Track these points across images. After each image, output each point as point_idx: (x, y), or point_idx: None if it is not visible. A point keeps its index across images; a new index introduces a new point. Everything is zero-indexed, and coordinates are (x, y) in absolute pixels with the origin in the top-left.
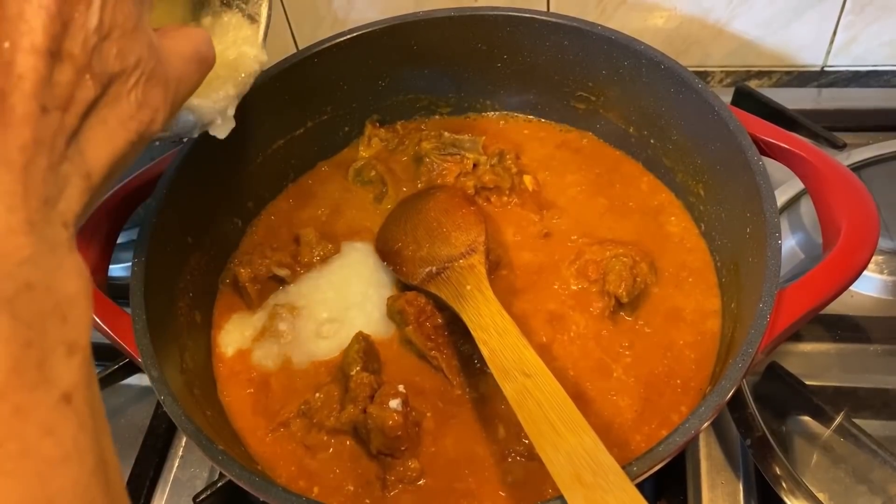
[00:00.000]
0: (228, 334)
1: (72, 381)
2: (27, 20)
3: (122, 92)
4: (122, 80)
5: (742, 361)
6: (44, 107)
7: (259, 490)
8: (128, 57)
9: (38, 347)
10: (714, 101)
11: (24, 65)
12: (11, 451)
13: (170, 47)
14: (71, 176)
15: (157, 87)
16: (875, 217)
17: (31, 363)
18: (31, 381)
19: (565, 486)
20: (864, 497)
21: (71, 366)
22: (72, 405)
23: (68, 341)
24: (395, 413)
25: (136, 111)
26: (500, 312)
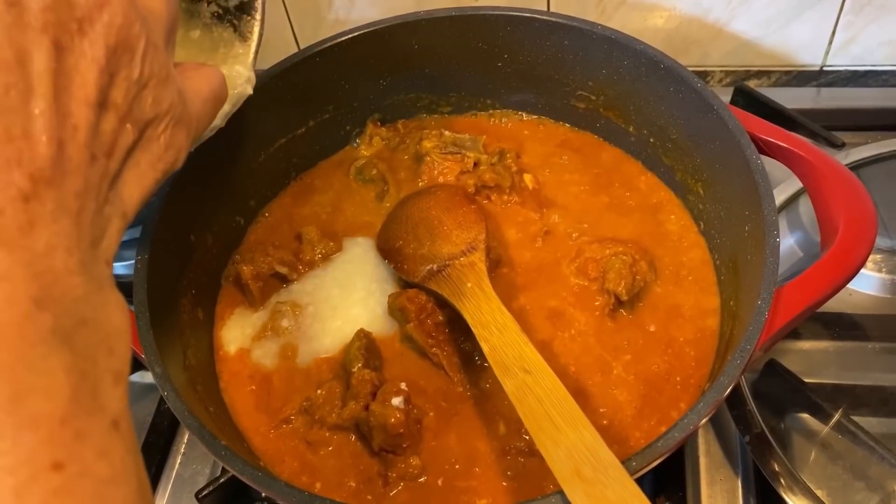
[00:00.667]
0: (230, 331)
1: (119, 408)
2: (82, 73)
3: (153, 136)
4: (155, 124)
5: (740, 358)
6: (94, 155)
7: (262, 485)
8: (161, 104)
9: (91, 377)
10: (713, 101)
11: (78, 116)
12: (73, 472)
13: (190, 88)
14: (112, 217)
15: (182, 129)
16: (872, 215)
17: (86, 392)
18: (88, 409)
19: (565, 482)
20: (861, 493)
21: (117, 394)
22: (119, 430)
23: (115, 371)
24: (397, 410)
25: (163, 153)
26: (500, 309)
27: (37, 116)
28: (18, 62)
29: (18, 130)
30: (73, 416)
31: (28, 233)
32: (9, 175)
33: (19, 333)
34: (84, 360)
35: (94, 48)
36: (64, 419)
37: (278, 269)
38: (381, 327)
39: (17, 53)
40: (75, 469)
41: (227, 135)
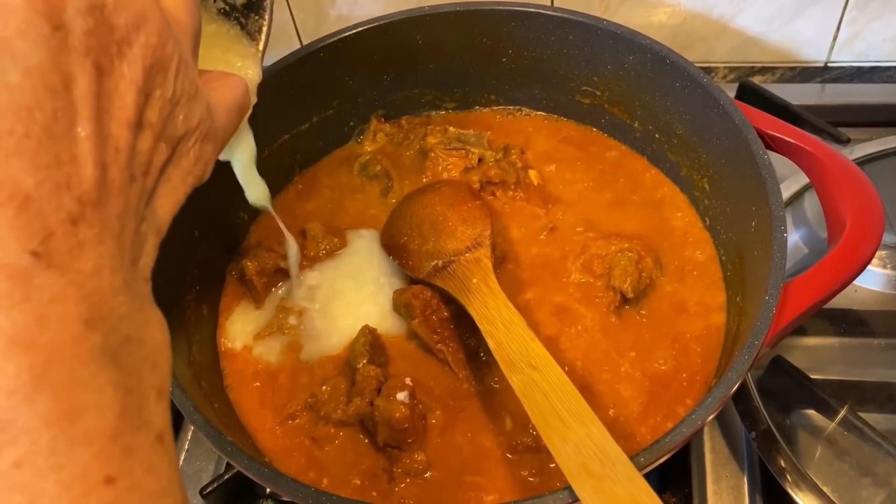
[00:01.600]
0: (234, 325)
1: (163, 423)
2: (121, 95)
3: (184, 151)
4: (185, 140)
5: (748, 354)
6: (133, 175)
7: (268, 481)
8: (192, 119)
9: (137, 394)
10: (720, 96)
11: (119, 137)
12: (124, 486)
13: (215, 100)
14: (148, 234)
15: (210, 142)
16: (880, 211)
17: (134, 408)
18: (135, 424)
19: (573, 477)
20: (868, 490)
21: (160, 409)
22: (164, 444)
23: (158, 387)
24: (402, 405)
25: (193, 166)
26: (506, 305)
27: (83, 140)
28: (65, 86)
29: (67, 155)
30: (122, 431)
31: (77, 255)
32: (59, 199)
33: (72, 352)
34: (130, 376)
35: (132, 69)
36: (114, 435)
37: (283, 265)
38: (391, 324)
39: (63, 78)
40: (126, 483)
41: None
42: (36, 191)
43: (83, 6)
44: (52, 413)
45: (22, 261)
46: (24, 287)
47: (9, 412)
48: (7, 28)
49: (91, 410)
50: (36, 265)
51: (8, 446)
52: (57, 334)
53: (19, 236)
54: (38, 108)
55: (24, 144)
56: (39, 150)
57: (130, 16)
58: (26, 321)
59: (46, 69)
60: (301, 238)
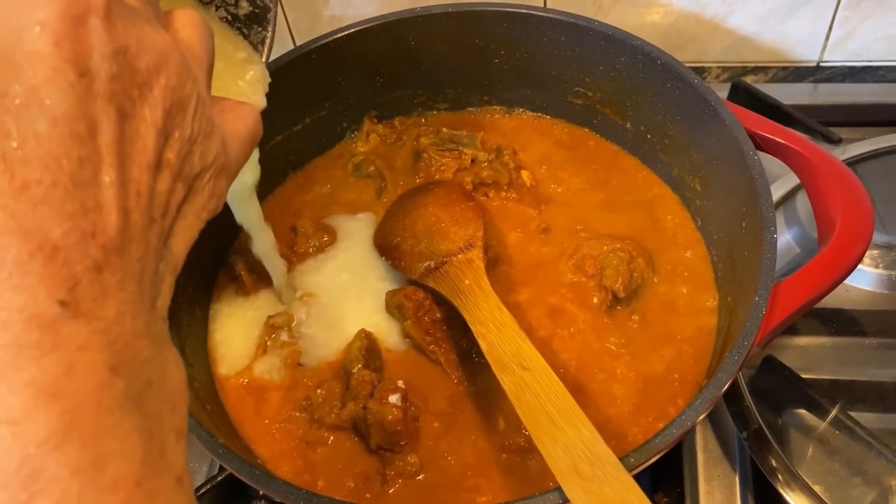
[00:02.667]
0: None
1: (182, 465)
2: (143, 138)
3: (199, 188)
4: (201, 177)
5: (738, 354)
6: (152, 218)
7: (259, 483)
8: (208, 157)
9: (159, 437)
10: (710, 97)
11: (140, 181)
12: None
13: (229, 132)
14: (165, 273)
15: (224, 177)
16: (870, 211)
17: (156, 452)
18: (157, 469)
19: (563, 478)
20: (859, 489)
21: (179, 450)
22: (183, 486)
23: (177, 428)
24: (394, 408)
25: (207, 202)
26: (498, 306)
27: (107, 186)
28: (90, 134)
29: (92, 203)
30: (145, 477)
31: (102, 303)
32: (85, 247)
33: (98, 400)
34: (151, 420)
35: (153, 112)
36: (139, 481)
37: None
38: (384, 326)
39: (89, 125)
40: None
41: None
42: (63, 240)
43: (108, 51)
44: (81, 462)
45: (51, 310)
46: (53, 336)
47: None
48: (36, 76)
49: (117, 458)
50: (64, 314)
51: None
52: (84, 383)
53: (49, 286)
54: (65, 157)
55: (52, 194)
56: (66, 200)
57: (152, 58)
58: (55, 370)
59: (73, 117)
60: (292, 234)
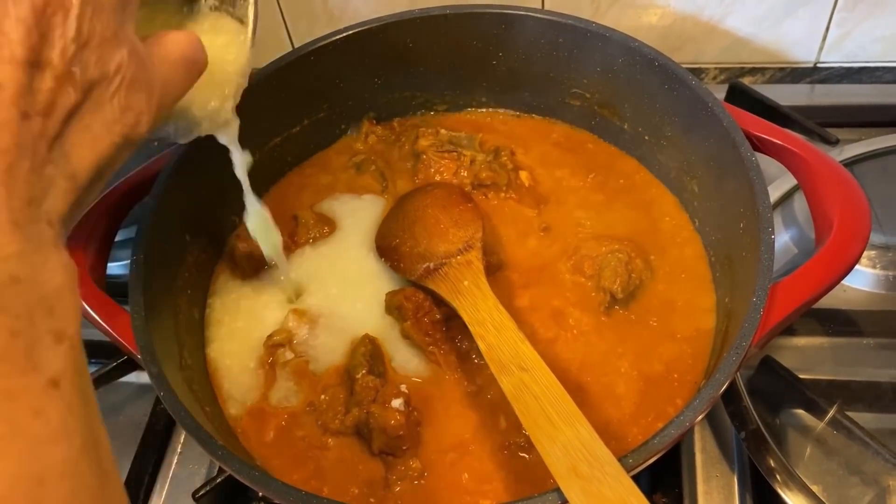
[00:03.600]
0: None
1: (59, 368)
2: (6, 33)
3: (104, 97)
4: (104, 86)
5: (736, 354)
6: (25, 113)
7: (259, 484)
8: (108, 64)
9: (25, 336)
10: (707, 98)
11: (3, 75)
12: (2, 432)
13: (156, 53)
14: (55, 178)
15: (140, 92)
16: (867, 211)
17: (18, 351)
18: (20, 368)
19: (562, 479)
20: (856, 488)
21: (58, 353)
22: (59, 389)
23: (55, 330)
24: (397, 412)
25: (119, 115)
26: (497, 307)
27: None
28: None
29: None
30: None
31: None
32: None
33: None
34: (16, 318)
35: (18, 7)
36: None
37: None
38: (385, 327)
39: None
40: (4, 429)
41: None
42: None
43: None
44: None
45: None
46: None
47: None
48: None
49: None
50: None
51: None
52: None
53: None
54: None
55: None
56: None
57: None
58: None
59: None
60: (293, 223)
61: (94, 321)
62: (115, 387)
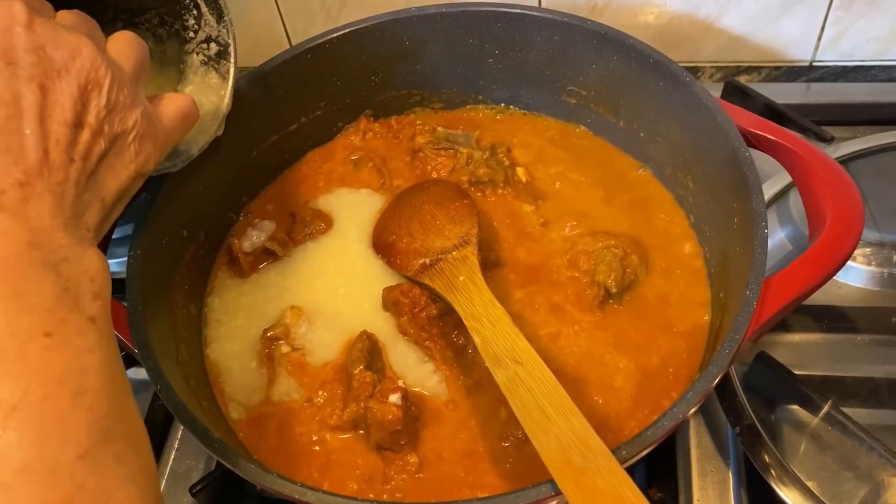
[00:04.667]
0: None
1: (95, 313)
2: (61, 104)
3: (124, 145)
4: (124, 137)
5: (729, 348)
6: (71, 158)
7: (255, 477)
8: (127, 122)
9: (73, 291)
10: (702, 94)
11: (59, 133)
12: (58, 339)
13: (161, 111)
14: (91, 201)
15: (149, 141)
16: (860, 206)
17: (69, 298)
18: (69, 307)
19: (556, 470)
20: (851, 483)
21: (95, 305)
22: (95, 324)
23: (94, 291)
24: (394, 407)
25: (134, 157)
26: (492, 302)
27: (28, 135)
28: (14, 100)
29: (15, 145)
30: (57, 308)
31: (23, 205)
32: (9, 171)
33: (17, 261)
34: (67, 280)
35: (69, 87)
36: (51, 309)
37: (268, 246)
38: (381, 322)
39: (13, 95)
40: (59, 338)
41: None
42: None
43: (28, 47)
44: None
45: None
46: None
47: None
48: None
49: (32, 294)
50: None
51: None
52: (6, 249)
53: None
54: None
55: None
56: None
57: (66, 51)
58: None
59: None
60: (290, 220)
61: None
62: None
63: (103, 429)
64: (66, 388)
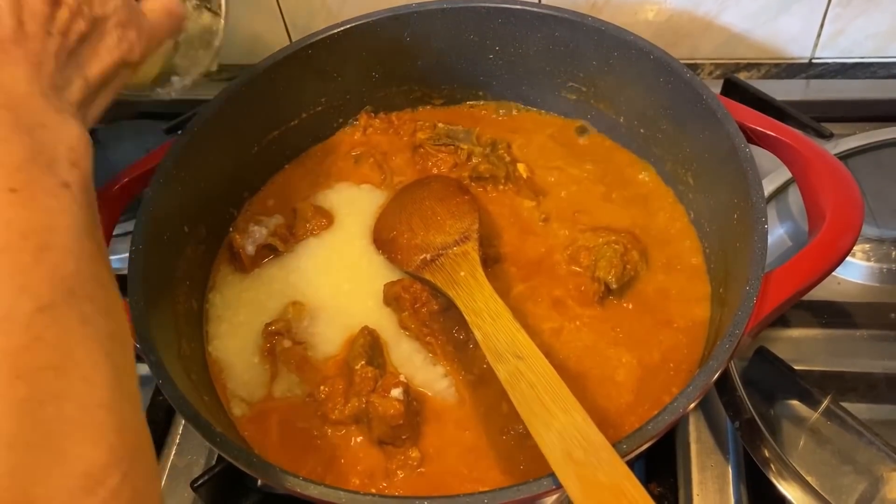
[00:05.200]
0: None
1: (71, 179)
2: None
3: (105, 29)
4: (104, 21)
5: (729, 342)
6: (48, 31)
7: (257, 471)
8: (107, 6)
9: (48, 155)
10: (702, 90)
11: (35, 6)
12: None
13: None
14: (73, 77)
15: (132, 29)
16: (859, 202)
17: (42, 161)
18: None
19: (557, 464)
20: (849, 477)
21: (72, 172)
22: (70, 190)
23: (72, 159)
24: (396, 402)
25: (117, 43)
26: (493, 297)
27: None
28: None
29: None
30: (27, 168)
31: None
32: None
33: None
34: (42, 144)
35: None
36: (19, 168)
37: (270, 241)
38: (383, 318)
39: None
40: (26, 195)
41: (220, 126)
42: None
43: None
44: None
45: None
46: None
47: None
48: None
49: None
50: None
51: None
52: None
53: None
54: None
55: None
56: None
57: None
58: None
59: None
60: (291, 215)
61: None
62: None
63: (69, 287)
64: (29, 242)
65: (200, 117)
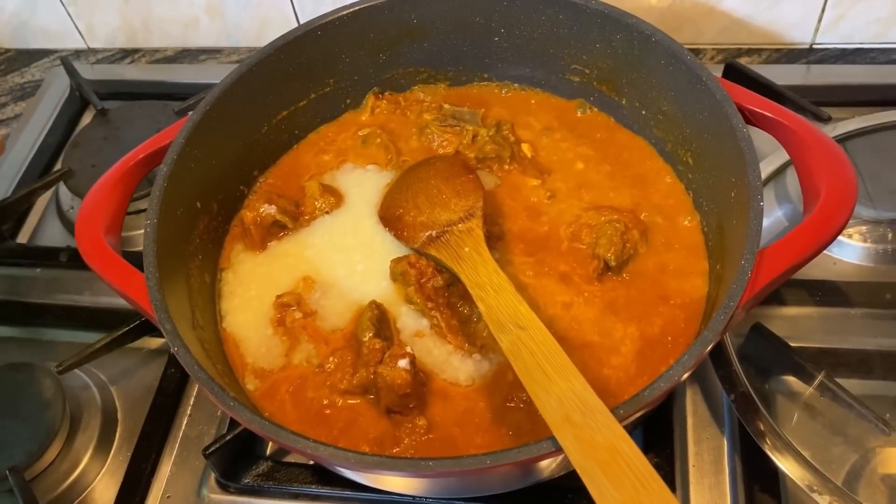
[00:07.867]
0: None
1: None
2: None
3: None
4: None
5: (724, 314)
6: None
7: (270, 433)
8: None
9: None
10: (702, 72)
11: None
12: None
13: None
14: None
15: None
16: (853, 181)
17: None
18: None
19: (556, 427)
20: (841, 449)
21: None
22: None
23: None
24: (403, 371)
25: None
26: (496, 271)
27: None
28: None
29: None
30: None
31: None
32: None
33: None
34: None
35: None
36: None
37: (279, 219)
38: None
39: None
40: None
41: (231, 106)
42: None
43: None
44: None
45: None
46: None
47: None
48: None
49: None
50: None
51: None
52: None
53: None
54: None
55: None
56: None
57: None
58: None
59: None
60: (300, 194)
61: (109, 283)
62: (126, 352)
63: None
64: None
65: (211, 97)
